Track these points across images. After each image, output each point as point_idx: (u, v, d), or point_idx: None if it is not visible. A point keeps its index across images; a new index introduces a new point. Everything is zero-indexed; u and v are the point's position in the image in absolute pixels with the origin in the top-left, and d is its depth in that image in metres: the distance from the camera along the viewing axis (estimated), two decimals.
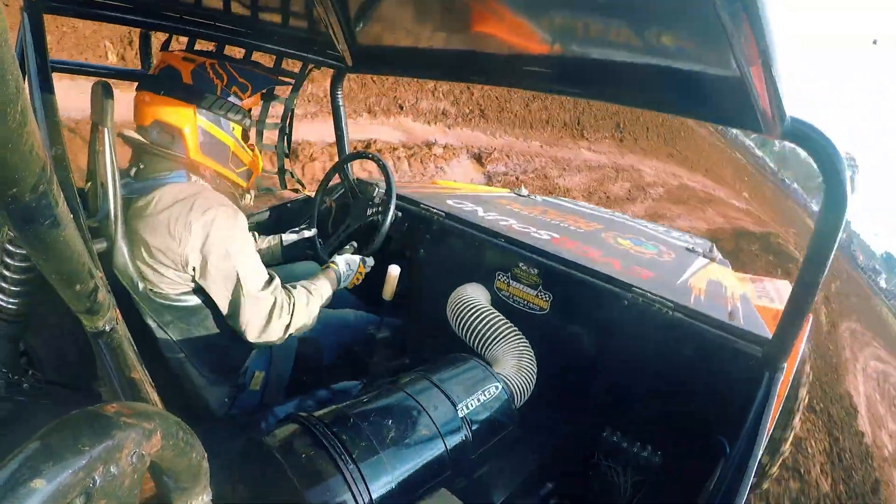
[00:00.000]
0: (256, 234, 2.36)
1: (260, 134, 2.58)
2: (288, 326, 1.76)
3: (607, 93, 1.74)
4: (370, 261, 2.26)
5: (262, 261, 1.76)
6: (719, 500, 1.35)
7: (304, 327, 1.85)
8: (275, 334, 1.74)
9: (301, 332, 1.87)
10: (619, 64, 1.53)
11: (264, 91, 1.87)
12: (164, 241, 1.55)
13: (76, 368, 1.58)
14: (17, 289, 1.40)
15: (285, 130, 2.67)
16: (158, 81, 1.62)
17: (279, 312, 1.72)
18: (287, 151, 2.72)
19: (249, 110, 1.81)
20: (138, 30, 2.09)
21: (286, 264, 2.44)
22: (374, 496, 1.26)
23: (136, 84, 1.69)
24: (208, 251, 1.58)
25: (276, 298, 1.71)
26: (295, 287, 1.87)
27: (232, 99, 1.70)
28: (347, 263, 2.16)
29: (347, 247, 2.31)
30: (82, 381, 1.60)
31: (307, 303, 1.85)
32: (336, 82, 2.77)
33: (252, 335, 1.71)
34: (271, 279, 1.74)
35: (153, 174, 1.64)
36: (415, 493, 1.36)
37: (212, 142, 1.69)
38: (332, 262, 2.14)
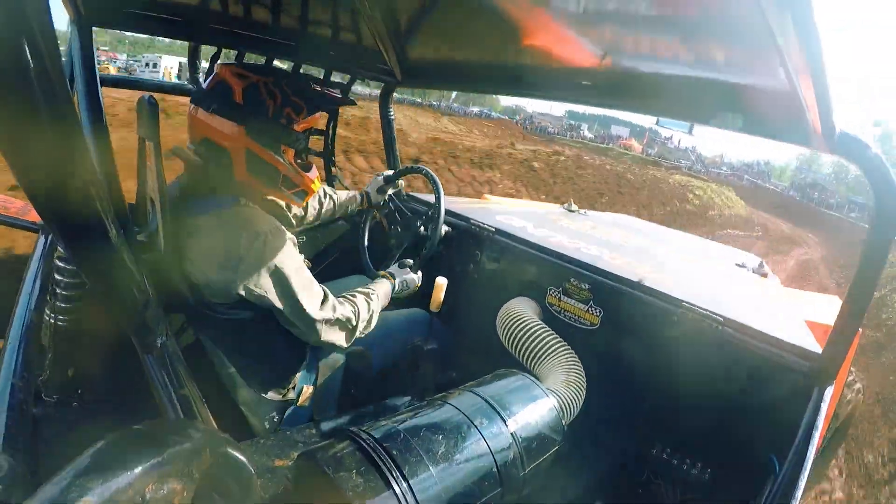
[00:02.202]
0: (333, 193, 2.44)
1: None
2: (354, 331, 1.80)
3: (657, 106, 1.76)
4: (419, 278, 2.26)
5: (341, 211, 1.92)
6: None
7: (367, 331, 1.88)
8: (343, 343, 1.79)
9: (364, 335, 1.90)
10: (669, 77, 1.54)
11: (318, 116, 1.79)
12: (214, 269, 1.57)
13: (126, 387, 1.60)
14: (67, 306, 1.42)
15: (329, 138, 2.69)
16: (211, 97, 1.59)
17: (345, 324, 1.75)
18: (333, 158, 2.74)
19: (306, 131, 1.75)
20: None
21: (338, 279, 2.45)
22: None
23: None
24: (260, 280, 1.59)
25: (336, 314, 1.73)
26: (355, 295, 1.88)
27: (284, 121, 1.64)
28: (405, 281, 2.16)
29: (410, 261, 2.29)
30: (132, 401, 1.62)
31: (368, 308, 1.87)
32: (386, 96, 2.82)
33: (322, 342, 1.75)
34: (325, 296, 1.74)
35: (203, 194, 1.63)
36: None
37: (261, 164, 1.64)
38: (390, 273, 2.14)
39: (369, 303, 1.89)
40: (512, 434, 1.54)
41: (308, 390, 1.90)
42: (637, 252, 2.88)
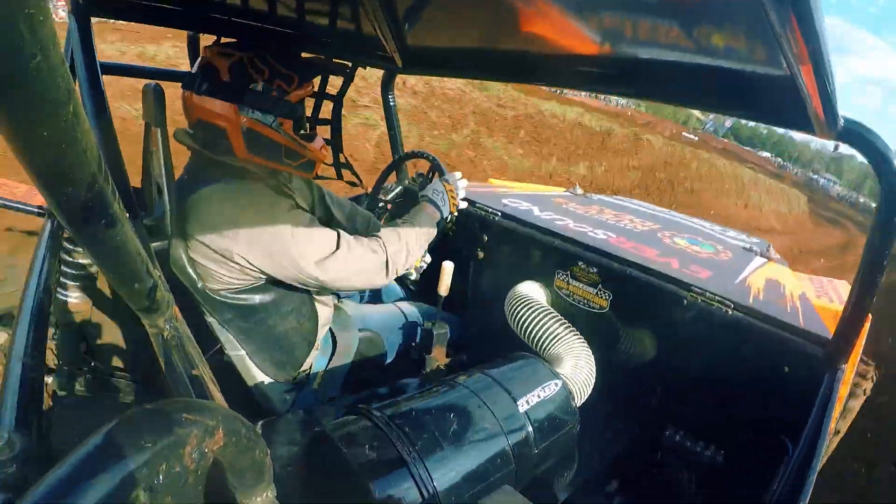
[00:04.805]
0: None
1: (313, 128, 2.61)
2: (387, 263, 1.74)
3: (658, 92, 1.72)
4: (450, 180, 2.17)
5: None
6: (782, 502, 1.33)
7: (411, 258, 1.83)
8: (377, 277, 1.74)
9: (411, 265, 1.85)
10: (670, 63, 1.51)
11: (312, 84, 1.77)
12: (218, 243, 1.55)
13: (137, 360, 1.62)
14: (78, 283, 1.44)
15: (337, 126, 2.68)
16: (199, 79, 1.55)
17: (366, 256, 1.70)
18: (340, 146, 2.73)
19: (301, 101, 1.71)
20: None
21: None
22: (439, 488, 1.25)
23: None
24: (261, 245, 1.57)
25: (351, 248, 1.68)
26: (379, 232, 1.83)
27: (276, 93, 1.61)
28: (434, 189, 2.06)
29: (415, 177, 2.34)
30: (143, 373, 1.63)
31: (399, 237, 1.80)
32: (387, 83, 2.82)
33: (352, 288, 1.76)
34: (339, 236, 1.68)
35: (206, 176, 1.61)
36: (478, 487, 1.34)
37: (259, 139, 1.60)
38: (422, 195, 2.06)
39: (397, 230, 1.82)
40: (524, 415, 1.55)
41: (321, 373, 1.91)
42: (645, 235, 2.88)
